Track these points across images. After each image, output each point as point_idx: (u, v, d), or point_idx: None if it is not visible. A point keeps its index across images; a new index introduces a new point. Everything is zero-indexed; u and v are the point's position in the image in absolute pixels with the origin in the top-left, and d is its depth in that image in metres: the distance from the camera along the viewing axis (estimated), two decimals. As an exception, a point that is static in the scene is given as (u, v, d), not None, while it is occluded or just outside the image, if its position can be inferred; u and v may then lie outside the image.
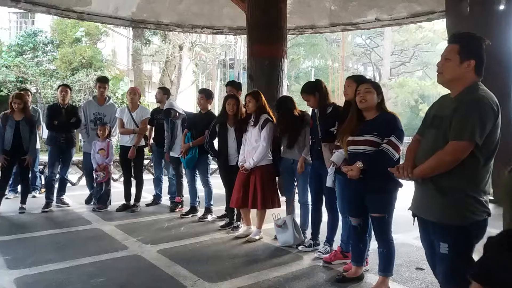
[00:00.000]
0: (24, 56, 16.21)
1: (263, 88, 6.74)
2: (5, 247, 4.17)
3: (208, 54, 22.42)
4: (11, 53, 16.06)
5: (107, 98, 6.17)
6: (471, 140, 2.03)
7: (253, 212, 4.69)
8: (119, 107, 6.30)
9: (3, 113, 5.70)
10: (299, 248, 4.16)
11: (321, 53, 29.63)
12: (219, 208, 5.54)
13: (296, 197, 4.54)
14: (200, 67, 23.82)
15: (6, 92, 14.77)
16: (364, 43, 30.26)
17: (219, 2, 8.55)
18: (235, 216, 4.99)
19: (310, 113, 4.28)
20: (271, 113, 4.57)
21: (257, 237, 4.52)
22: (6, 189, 5.95)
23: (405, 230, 3.95)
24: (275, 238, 4.46)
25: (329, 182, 3.63)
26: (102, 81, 6.22)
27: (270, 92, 6.76)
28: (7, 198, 6.36)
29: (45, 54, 16.97)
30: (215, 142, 5.09)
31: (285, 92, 6.87)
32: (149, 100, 18.47)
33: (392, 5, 8.74)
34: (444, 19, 7.26)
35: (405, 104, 26.54)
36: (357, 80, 3.45)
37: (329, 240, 4.04)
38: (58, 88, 6.08)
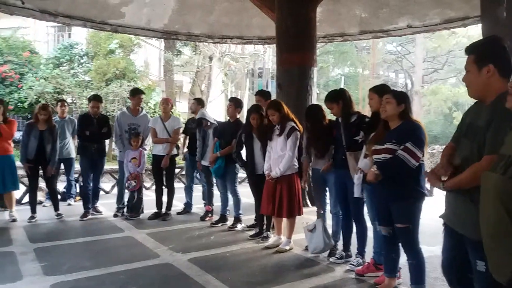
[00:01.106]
0: (61, 68, 16.85)
1: (293, 96, 6.78)
2: (42, 253, 4.30)
3: (237, 63, 22.63)
4: (49, 65, 16.72)
5: (140, 109, 6.31)
6: None
7: (285, 222, 4.66)
8: (151, 117, 6.44)
9: (27, 123, 5.90)
10: (330, 259, 4.10)
11: (350, 60, 29.34)
12: (248, 218, 5.53)
13: (328, 207, 4.48)
14: (229, 76, 24.06)
15: (44, 102, 15.37)
16: (395, 50, 29.75)
17: (248, 12, 8.62)
18: (265, 226, 4.97)
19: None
20: (296, 121, 4.55)
21: (287, 248, 4.48)
22: (39, 196, 6.15)
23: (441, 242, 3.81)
24: (306, 248, 4.41)
25: (356, 192, 3.59)
26: (138, 92, 6.33)
27: (299, 101, 6.76)
28: (44, 206, 6.60)
29: (80, 66, 17.58)
30: (243, 152, 5.13)
31: (314, 101, 6.83)
32: (180, 110, 18.80)
33: (424, 12, 8.56)
34: (479, 25, 7.03)
35: (438, 112, 25.83)
36: (378, 92, 3.50)
37: (361, 251, 3.96)
38: (89, 101, 6.20)
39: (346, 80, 28.50)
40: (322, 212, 4.38)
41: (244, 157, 5.13)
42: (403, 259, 3.33)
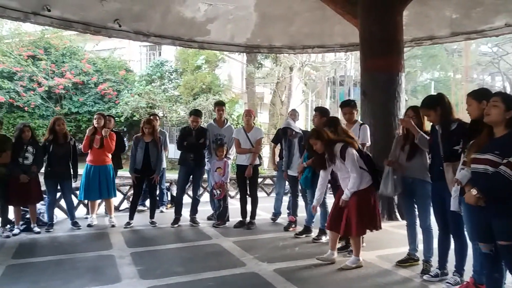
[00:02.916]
0: (152, 84, 18.11)
1: (379, 104, 6.54)
2: (138, 258, 4.58)
3: (318, 72, 22.50)
4: (142, 82, 18.07)
5: (225, 120, 6.53)
6: None
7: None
8: (235, 128, 6.62)
9: (135, 136, 6.38)
10: (424, 277, 3.84)
11: (440, 64, 27.59)
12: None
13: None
14: (310, 86, 23.97)
15: (138, 117, 16.60)
16: (490, 51, 27.38)
17: (330, 21, 8.52)
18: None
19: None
20: (345, 139, 4.26)
21: (353, 265, 4.22)
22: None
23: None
24: (396, 264, 4.19)
25: (454, 206, 3.29)
26: (220, 104, 6.60)
27: (387, 108, 6.50)
28: (138, 212, 7.07)
29: (170, 82, 18.74)
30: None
31: (403, 108, 6.49)
32: (262, 121, 19.13)
33: (525, 7, 7.78)
34: None
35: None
36: (477, 97, 3.17)
37: (459, 269, 3.64)
38: (190, 115, 6.45)
39: (436, 85, 26.80)
40: (409, 225, 4.15)
41: None
42: (508, 279, 3.01)
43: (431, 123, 3.81)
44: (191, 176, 6.39)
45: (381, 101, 6.55)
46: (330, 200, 5.44)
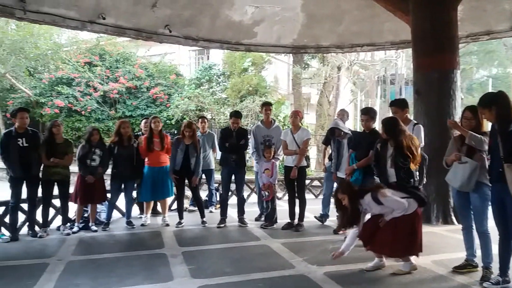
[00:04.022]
0: (201, 87, 18.46)
1: (433, 102, 6.29)
2: (189, 257, 4.69)
3: (367, 71, 21.96)
4: (192, 86, 18.47)
5: (273, 121, 6.54)
6: None
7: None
8: (283, 129, 6.60)
9: (176, 138, 6.56)
10: (484, 284, 3.64)
11: (498, 60, 26.04)
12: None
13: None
14: (358, 85, 23.44)
15: (188, 119, 17.00)
16: (556, 44, 25.48)
17: (380, 18, 8.30)
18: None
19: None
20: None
21: (407, 270, 4.06)
22: (186, 203, 6.77)
23: None
24: (453, 270, 4.01)
25: None
26: (268, 104, 6.62)
27: (441, 107, 6.24)
28: (189, 211, 7.25)
29: (218, 85, 19.03)
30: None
31: (459, 107, 6.20)
32: (308, 122, 18.97)
33: None
34: None
35: None
36: None
37: (523, 277, 3.42)
38: (230, 117, 6.53)
39: (494, 82, 25.31)
40: (465, 228, 3.95)
41: None
42: None
43: (491, 123, 3.62)
44: (233, 177, 6.44)
45: (435, 100, 6.29)
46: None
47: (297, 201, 6.16)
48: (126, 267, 4.36)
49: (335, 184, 6.32)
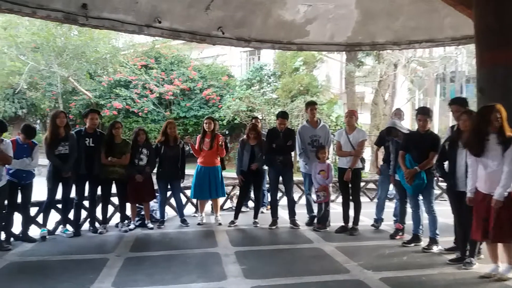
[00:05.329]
0: (252, 88, 18.58)
1: (498, 101, 5.82)
2: (242, 257, 4.70)
3: (425, 68, 21.00)
4: (243, 87, 18.64)
5: (319, 120, 6.41)
6: None
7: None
8: (332, 129, 6.46)
9: (241, 139, 6.60)
10: None
11: None
12: (445, 240, 4.95)
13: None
14: (416, 83, 22.49)
15: (239, 120, 17.17)
16: None
17: (439, 13, 7.88)
18: (468, 251, 4.34)
19: None
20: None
21: (510, 275, 3.80)
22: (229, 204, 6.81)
23: None
24: None
25: None
26: (312, 104, 6.55)
27: (507, 106, 5.78)
28: (242, 212, 7.27)
29: (269, 85, 19.06)
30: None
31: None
32: (362, 122, 18.47)
33: None
34: None
35: None
36: None
37: None
38: (277, 117, 6.54)
39: None
40: None
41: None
42: None
43: None
44: (281, 178, 6.36)
45: (501, 98, 5.85)
46: (438, 207, 5.05)
47: (351, 204, 5.99)
48: (181, 264, 4.44)
49: (391, 187, 6.10)
